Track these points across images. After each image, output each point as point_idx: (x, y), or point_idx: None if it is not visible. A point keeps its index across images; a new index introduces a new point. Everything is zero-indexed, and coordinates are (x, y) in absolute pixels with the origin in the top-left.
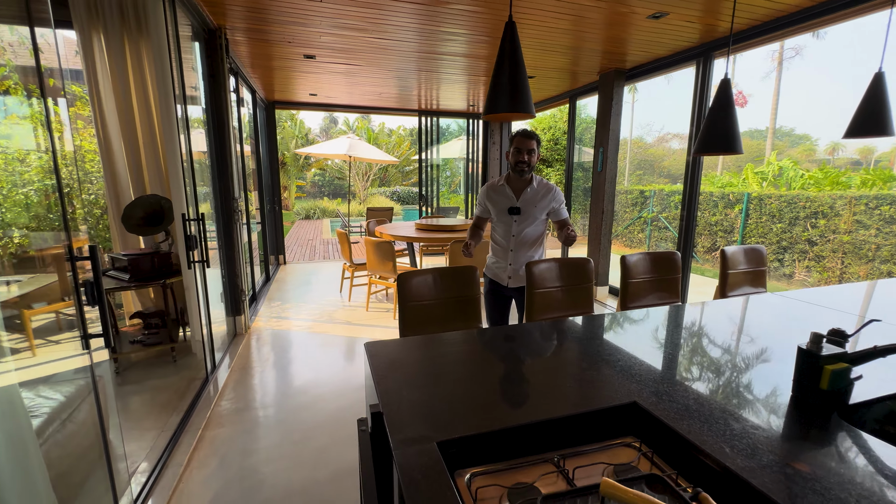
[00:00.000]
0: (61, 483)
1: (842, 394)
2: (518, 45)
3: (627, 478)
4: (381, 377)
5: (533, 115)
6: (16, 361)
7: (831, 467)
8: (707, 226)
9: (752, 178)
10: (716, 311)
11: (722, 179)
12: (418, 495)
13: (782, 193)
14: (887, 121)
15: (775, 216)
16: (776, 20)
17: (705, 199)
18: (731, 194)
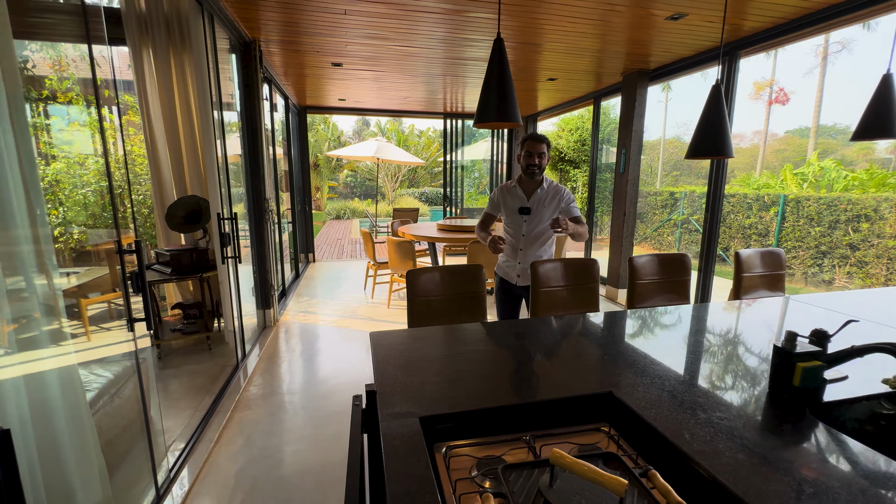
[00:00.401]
0: (109, 450)
1: (815, 391)
2: (506, 60)
3: (587, 454)
4: (379, 361)
5: (519, 123)
6: (74, 345)
7: (784, 456)
8: (740, 229)
9: (790, 179)
10: (712, 312)
11: (758, 181)
12: (396, 459)
13: (822, 195)
14: (894, 123)
15: (813, 219)
16: (800, 18)
17: (739, 202)
18: (767, 196)
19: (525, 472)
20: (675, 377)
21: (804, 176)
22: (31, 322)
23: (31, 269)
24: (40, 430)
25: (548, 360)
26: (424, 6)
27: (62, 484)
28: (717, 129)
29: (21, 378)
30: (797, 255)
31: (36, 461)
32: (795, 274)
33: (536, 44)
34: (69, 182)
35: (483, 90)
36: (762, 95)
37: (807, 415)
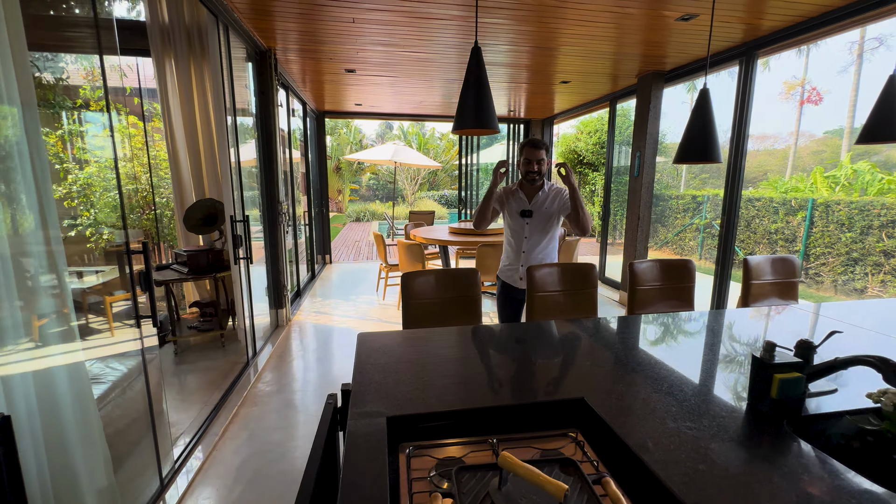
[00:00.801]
0: (118, 440)
1: (794, 404)
2: (483, 68)
3: (545, 459)
4: (360, 362)
5: (497, 130)
6: (100, 340)
7: (749, 469)
8: (766, 234)
9: (821, 182)
10: (704, 320)
11: (786, 184)
12: (355, 457)
13: (853, 200)
14: None
15: (844, 224)
16: (821, 16)
17: (764, 206)
18: (794, 200)
19: (479, 474)
20: (652, 385)
21: (836, 179)
22: (60, 317)
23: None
24: (48, 419)
25: (526, 364)
26: (429, 13)
27: (67, 469)
28: (705, 135)
29: (44, 370)
30: (826, 261)
31: (42, 446)
32: (825, 282)
33: (550, 48)
34: (100, 185)
35: (461, 97)
36: (793, 95)
37: (784, 428)
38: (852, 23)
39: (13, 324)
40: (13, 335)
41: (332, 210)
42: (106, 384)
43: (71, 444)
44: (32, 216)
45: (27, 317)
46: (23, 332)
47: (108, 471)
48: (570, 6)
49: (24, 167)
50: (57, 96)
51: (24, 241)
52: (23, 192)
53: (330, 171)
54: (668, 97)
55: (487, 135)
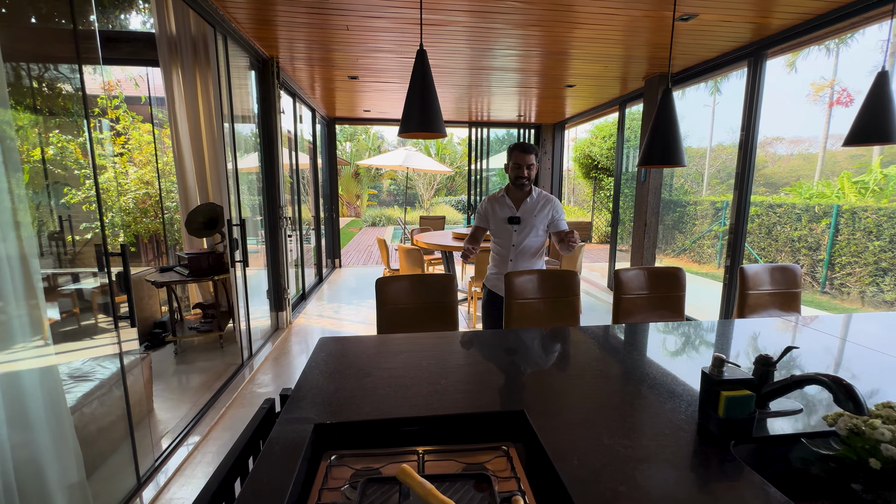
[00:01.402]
0: (101, 437)
1: (743, 424)
2: (428, 72)
3: (463, 473)
4: (311, 367)
5: (443, 134)
6: (110, 339)
7: (675, 493)
8: (788, 242)
9: (848, 187)
10: (681, 331)
11: (811, 189)
12: (266, 463)
13: (881, 206)
14: (891, 126)
15: (871, 232)
16: (831, 12)
17: (786, 212)
18: (817, 206)
19: (386, 486)
20: (602, 399)
21: (865, 184)
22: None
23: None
24: (13, 413)
25: (477, 374)
26: (425, 19)
27: (32, 464)
28: (668, 137)
29: (12, 368)
30: (852, 271)
31: (5, 438)
32: (851, 293)
33: (553, 52)
34: (115, 190)
35: (406, 102)
36: (822, 97)
37: (729, 450)
38: (864, 20)
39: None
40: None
41: (350, 215)
42: (94, 382)
43: (38, 438)
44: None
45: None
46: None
47: (80, 467)
48: (573, 10)
49: None
50: (75, 105)
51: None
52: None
53: (349, 177)
54: (689, 99)
55: (433, 138)
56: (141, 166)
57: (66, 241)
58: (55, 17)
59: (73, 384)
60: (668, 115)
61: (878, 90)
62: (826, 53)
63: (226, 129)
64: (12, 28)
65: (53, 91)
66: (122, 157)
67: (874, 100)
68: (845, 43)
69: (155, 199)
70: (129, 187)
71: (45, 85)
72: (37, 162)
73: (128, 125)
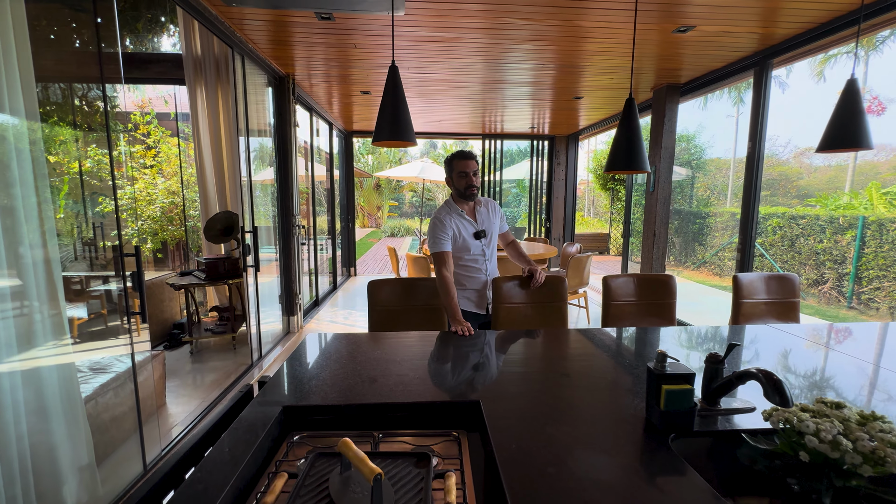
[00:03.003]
0: (115, 426)
1: (682, 416)
2: (399, 85)
3: (405, 452)
4: (293, 358)
5: (413, 143)
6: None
7: (603, 478)
8: (812, 255)
9: (877, 199)
10: (651, 335)
11: (837, 200)
12: (232, 436)
13: None
14: (861, 132)
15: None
16: (834, 20)
17: (810, 224)
18: (842, 218)
19: (333, 459)
20: (557, 393)
21: (895, 195)
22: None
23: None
24: (30, 396)
25: (445, 368)
26: (440, 36)
27: (45, 445)
28: (630, 144)
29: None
30: (881, 285)
31: (22, 418)
32: (881, 308)
33: (560, 65)
34: (145, 199)
35: (379, 113)
36: None
37: (667, 442)
38: (870, 27)
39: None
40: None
41: (370, 226)
42: (109, 375)
43: (53, 422)
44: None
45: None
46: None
47: (90, 451)
48: (577, 24)
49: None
50: (111, 121)
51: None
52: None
53: (370, 189)
54: (711, 110)
55: (404, 147)
56: (169, 177)
57: (97, 247)
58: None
59: (90, 375)
60: (630, 124)
61: (848, 97)
62: (855, 60)
63: (241, 143)
64: (55, 51)
65: (91, 108)
66: (152, 168)
67: (844, 106)
68: (877, 50)
69: (180, 208)
70: (157, 196)
71: (84, 103)
72: (75, 174)
73: (158, 139)
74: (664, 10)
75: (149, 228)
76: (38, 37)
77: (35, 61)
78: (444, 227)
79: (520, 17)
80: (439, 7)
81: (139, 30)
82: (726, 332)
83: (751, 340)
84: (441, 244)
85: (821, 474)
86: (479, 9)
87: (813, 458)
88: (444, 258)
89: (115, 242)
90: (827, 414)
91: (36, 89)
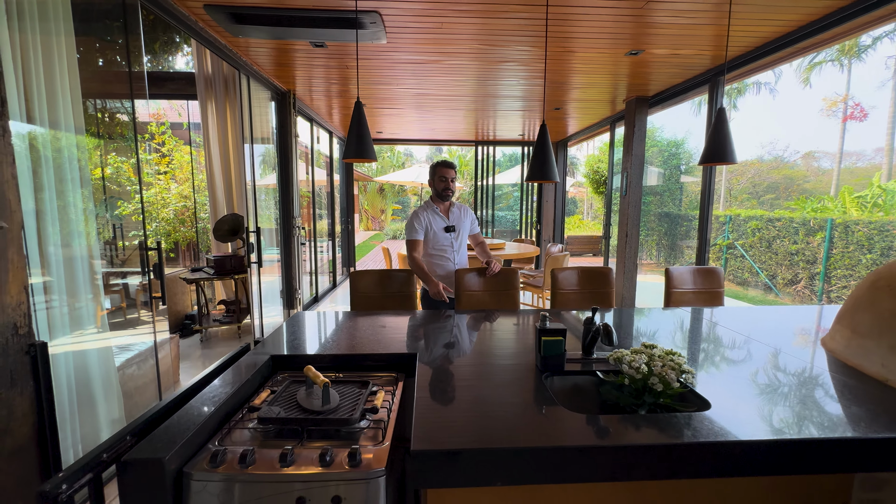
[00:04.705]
0: (138, 394)
1: (555, 360)
2: (363, 117)
3: (353, 379)
4: (280, 330)
5: (372, 159)
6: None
7: (485, 394)
8: (787, 255)
9: (849, 202)
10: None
11: (812, 203)
12: (234, 372)
13: (872, 220)
14: (729, 150)
15: (864, 245)
16: (779, 38)
17: (784, 226)
18: (812, 220)
19: (301, 382)
20: (483, 350)
21: (864, 199)
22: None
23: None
24: (75, 360)
25: (399, 335)
26: (413, 59)
27: (89, 397)
28: (543, 157)
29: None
30: (848, 284)
31: (73, 375)
32: None
33: (547, 82)
34: (159, 203)
35: (347, 138)
36: (835, 112)
37: (544, 378)
38: (813, 44)
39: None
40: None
41: (374, 228)
42: (133, 352)
43: (93, 381)
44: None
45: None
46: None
47: (121, 407)
48: (540, 56)
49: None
50: (128, 132)
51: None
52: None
53: (374, 193)
54: (703, 115)
55: (367, 162)
56: (181, 182)
57: (117, 246)
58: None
59: (118, 352)
60: (543, 141)
61: (719, 123)
62: (840, 69)
63: (247, 152)
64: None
65: (113, 120)
66: (166, 174)
67: (717, 129)
68: (859, 58)
69: (192, 211)
70: (171, 200)
71: (106, 115)
72: (98, 180)
73: (172, 148)
74: (613, 37)
75: (162, 230)
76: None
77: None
78: (418, 220)
79: (491, 44)
80: (423, 35)
81: (156, 50)
82: (653, 313)
83: (660, 318)
84: (414, 234)
85: (640, 394)
86: (460, 37)
87: (632, 382)
88: (415, 245)
89: (133, 242)
90: (643, 352)
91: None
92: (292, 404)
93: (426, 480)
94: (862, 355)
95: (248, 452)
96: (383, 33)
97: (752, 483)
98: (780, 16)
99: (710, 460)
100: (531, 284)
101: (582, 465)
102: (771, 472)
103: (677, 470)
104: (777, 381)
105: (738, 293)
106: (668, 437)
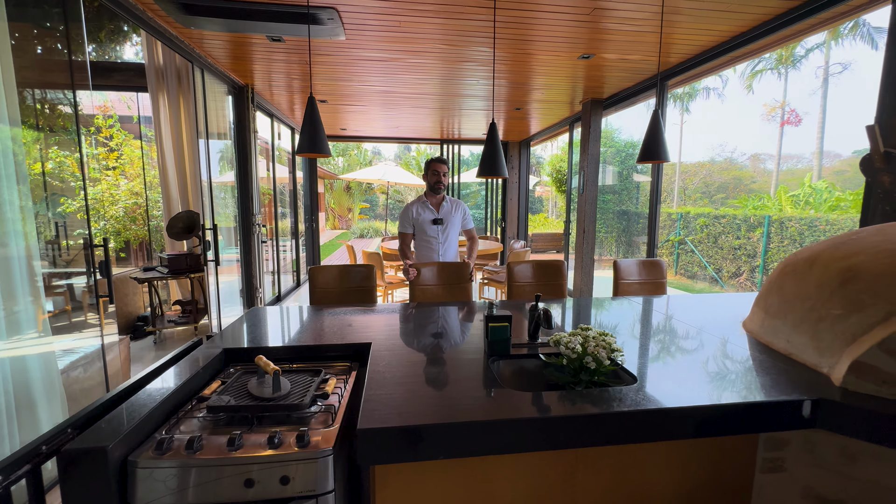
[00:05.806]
0: (84, 397)
1: (501, 344)
2: (316, 112)
3: (306, 369)
4: (234, 323)
5: (327, 154)
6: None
7: (431, 371)
8: (731, 250)
9: (784, 200)
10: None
11: (754, 201)
12: (187, 362)
13: (803, 216)
14: (662, 150)
15: (796, 240)
16: (715, 47)
17: (729, 223)
18: (752, 217)
19: (253, 373)
20: (435, 339)
21: (797, 197)
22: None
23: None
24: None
25: (353, 325)
26: (374, 56)
27: (27, 398)
28: (493, 155)
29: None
30: None
31: (9, 378)
32: None
33: (507, 83)
34: (108, 200)
35: (301, 132)
36: (774, 117)
37: (491, 362)
38: (746, 52)
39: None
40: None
41: (341, 227)
42: (78, 354)
43: (33, 385)
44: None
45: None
46: None
47: (65, 410)
48: (499, 57)
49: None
50: (71, 124)
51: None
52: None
53: (341, 191)
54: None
55: (320, 157)
56: (132, 178)
57: (60, 246)
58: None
59: (62, 356)
60: (492, 138)
61: (654, 124)
62: (778, 76)
63: (201, 147)
64: (21, 58)
65: (53, 112)
66: (115, 170)
67: (651, 130)
68: (794, 66)
69: (143, 208)
70: (120, 197)
71: (46, 106)
72: (38, 175)
73: (121, 142)
74: (567, 41)
75: (112, 228)
76: (15, 48)
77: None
78: (407, 214)
79: (451, 44)
80: (383, 33)
81: (101, 39)
82: (604, 303)
83: (608, 306)
84: (403, 227)
85: (577, 373)
86: (420, 36)
87: (569, 362)
88: (404, 237)
89: (78, 241)
90: (578, 334)
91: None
92: (243, 393)
93: (373, 457)
94: (772, 333)
95: (195, 439)
96: (341, 30)
97: (670, 448)
98: (713, 26)
99: (635, 428)
100: (494, 280)
101: (517, 435)
102: (688, 436)
103: (609, 437)
104: (699, 358)
105: (687, 286)
106: (599, 408)
